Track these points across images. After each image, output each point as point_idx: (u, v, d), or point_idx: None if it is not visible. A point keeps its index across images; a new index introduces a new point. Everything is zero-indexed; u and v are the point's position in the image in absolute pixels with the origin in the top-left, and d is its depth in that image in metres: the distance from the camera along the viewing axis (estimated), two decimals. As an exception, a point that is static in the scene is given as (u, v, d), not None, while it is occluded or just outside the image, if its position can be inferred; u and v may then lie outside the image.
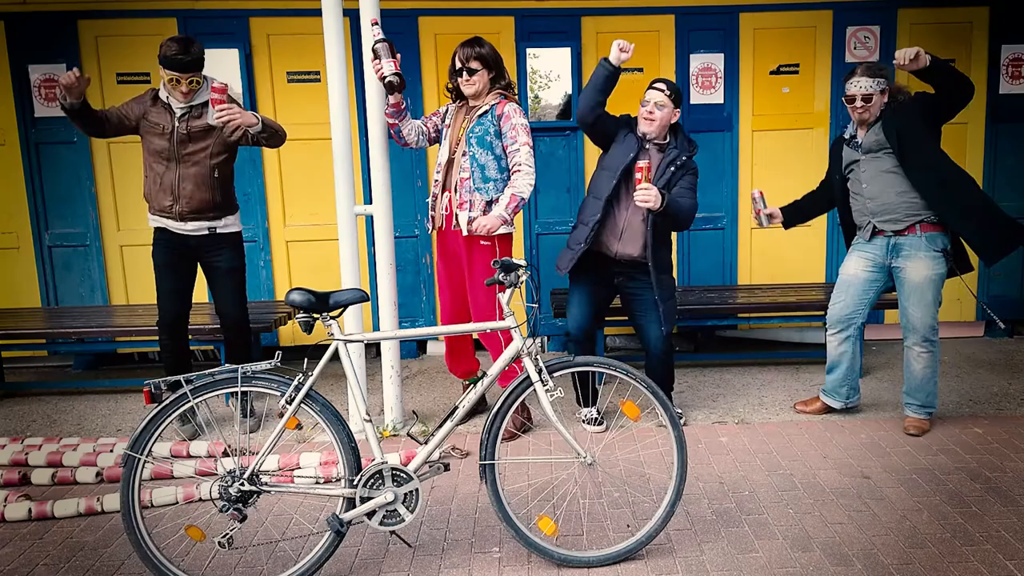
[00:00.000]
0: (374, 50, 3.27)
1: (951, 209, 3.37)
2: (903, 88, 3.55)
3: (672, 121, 3.52)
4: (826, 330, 3.73)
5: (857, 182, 3.54)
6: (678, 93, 3.51)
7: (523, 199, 3.49)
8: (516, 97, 3.63)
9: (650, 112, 3.45)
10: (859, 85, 3.40)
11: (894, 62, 3.19)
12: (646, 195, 3.24)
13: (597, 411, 3.79)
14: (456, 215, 3.53)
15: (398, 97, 3.42)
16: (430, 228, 3.71)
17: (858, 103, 3.41)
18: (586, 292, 3.67)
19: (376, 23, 3.33)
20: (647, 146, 3.52)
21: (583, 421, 3.79)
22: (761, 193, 3.75)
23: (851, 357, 3.70)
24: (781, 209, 3.80)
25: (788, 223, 3.83)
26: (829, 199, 3.78)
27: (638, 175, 3.24)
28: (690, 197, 3.47)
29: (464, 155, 3.51)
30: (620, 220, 3.51)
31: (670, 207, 3.32)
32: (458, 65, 3.51)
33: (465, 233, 3.51)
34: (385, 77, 3.26)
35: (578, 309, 3.67)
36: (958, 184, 3.40)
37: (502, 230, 3.50)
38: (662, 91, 3.45)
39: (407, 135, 3.61)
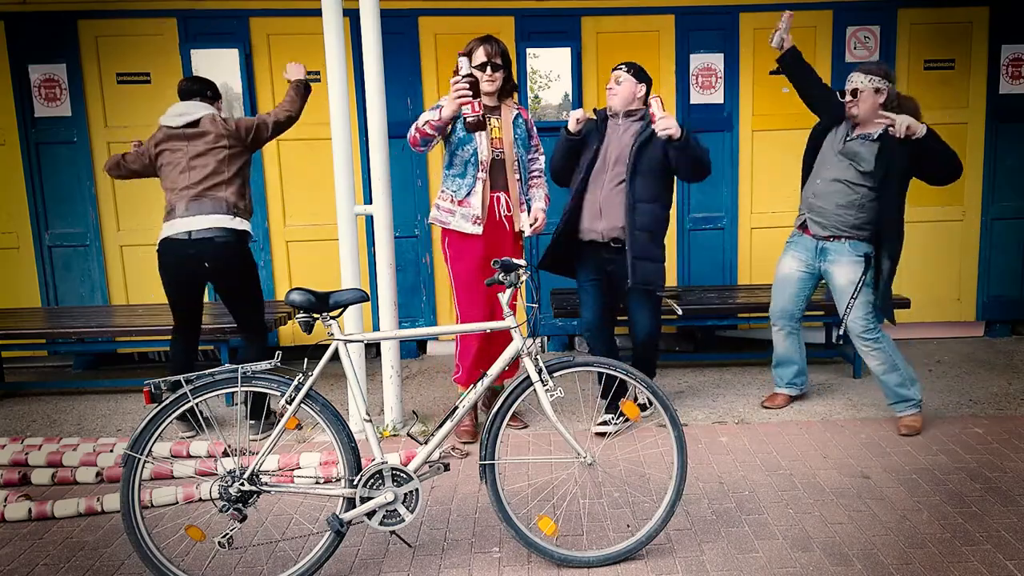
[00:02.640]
0: (473, 85, 3.13)
1: (883, 242, 3.53)
2: (902, 96, 3.58)
3: (638, 95, 3.62)
4: (771, 327, 3.95)
5: (815, 171, 3.66)
6: (639, 69, 3.64)
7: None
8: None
9: (609, 87, 3.62)
10: (851, 80, 3.53)
11: (891, 130, 3.34)
12: (667, 123, 3.33)
13: (612, 420, 3.64)
14: (517, 216, 3.61)
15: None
16: (477, 225, 3.49)
17: (847, 97, 3.53)
18: (591, 286, 3.71)
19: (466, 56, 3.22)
20: (620, 122, 3.62)
21: (597, 424, 3.67)
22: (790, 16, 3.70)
23: (799, 349, 3.95)
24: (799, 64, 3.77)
25: (791, 63, 3.77)
26: (821, 102, 3.77)
27: (653, 106, 3.37)
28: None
29: (516, 160, 3.59)
30: (596, 199, 3.58)
31: (691, 137, 3.41)
32: (483, 59, 3.43)
33: (528, 234, 3.60)
34: (476, 117, 3.16)
35: (587, 307, 3.72)
36: (898, 227, 3.55)
37: None
38: (620, 69, 3.61)
39: (431, 145, 3.47)
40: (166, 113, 3.61)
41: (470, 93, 3.12)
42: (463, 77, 3.11)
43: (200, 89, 3.68)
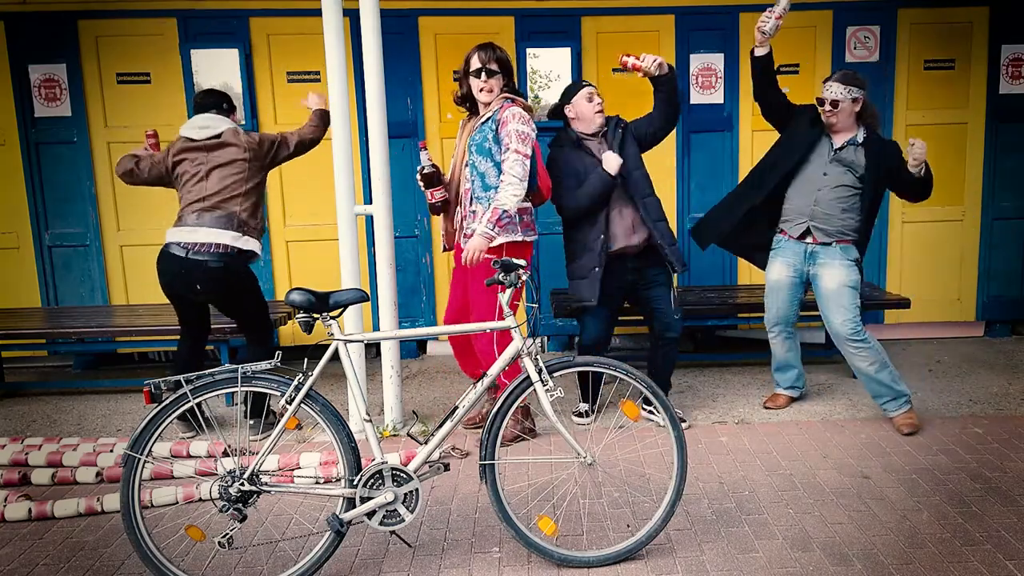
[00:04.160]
0: (427, 176, 3.45)
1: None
2: (875, 112, 3.66)
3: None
4: (768, 333, 3.94)
5: (810, 181, 3.61)
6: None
7: (505, 211, 3.27)
8: (523, 101, 3.45)
9: (599, 107, 3.65)
10: (830, 90, 3.52)
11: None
12: (650, 57, 3.46)
13: (590, 408, 3.87)
14: (465, 227, 3.47)
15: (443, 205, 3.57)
16: (443, 249, 3.65)
17: (826, 107, 3.53)
18: (610, 302, 3.68)
19: (425, 147, 3.48)
20: (598, 141, 3.65)
21: (573, 413, 3.91)
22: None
23: (796, 352, 3.99)
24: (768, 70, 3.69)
25: (767, 63, 3.65)
26: (781, 109, 3.73)
27: (627, 60, 3.49)
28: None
29: (466, 166, 3.42)
30: (620, 216, 3.60)
31: (672, 69, 3.57)
32: (477, 66, 3.36)
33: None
34: (436, 203, 3.53)
35: (595, 323, 3.70)
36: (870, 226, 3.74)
37: (517, 238, 3.36)
38: (594, 88, 3.70)
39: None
40: (187, 124, 3.57)
41: (422, 184, 3.47)
42: (419, 170, 3.47)
43: (216, 102, 3.65)
